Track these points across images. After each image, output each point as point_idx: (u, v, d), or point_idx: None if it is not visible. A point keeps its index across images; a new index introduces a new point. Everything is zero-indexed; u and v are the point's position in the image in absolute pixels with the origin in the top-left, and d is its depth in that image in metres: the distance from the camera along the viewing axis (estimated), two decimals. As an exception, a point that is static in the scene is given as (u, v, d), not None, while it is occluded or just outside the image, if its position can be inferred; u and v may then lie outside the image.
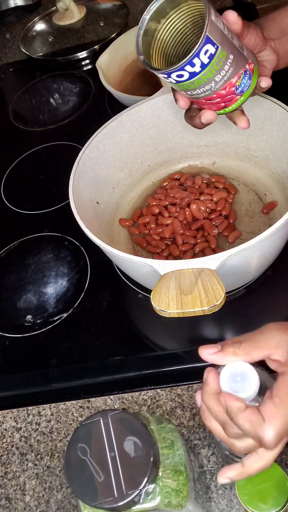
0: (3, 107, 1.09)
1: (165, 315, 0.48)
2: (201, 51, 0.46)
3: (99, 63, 0.93)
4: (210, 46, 0.46)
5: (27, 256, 0.77)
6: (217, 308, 0.47)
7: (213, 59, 0.47)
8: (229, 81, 0.50)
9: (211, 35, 0.46)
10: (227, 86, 0.51)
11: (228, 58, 0.49)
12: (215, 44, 0.47)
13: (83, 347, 0.65)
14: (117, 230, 0.73)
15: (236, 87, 0.52)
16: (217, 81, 0.50)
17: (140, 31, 0.50)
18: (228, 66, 0.49)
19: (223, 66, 0.49)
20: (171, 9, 0.50)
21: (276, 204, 0.69)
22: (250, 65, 0.52)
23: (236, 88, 0.52)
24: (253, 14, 1.06)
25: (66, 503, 0.55)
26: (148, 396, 0.60)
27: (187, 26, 0.52)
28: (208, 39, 0.46)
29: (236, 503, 0.51)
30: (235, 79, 0.51)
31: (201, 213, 0.69)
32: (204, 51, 0.46)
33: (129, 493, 0.34)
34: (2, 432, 0.61)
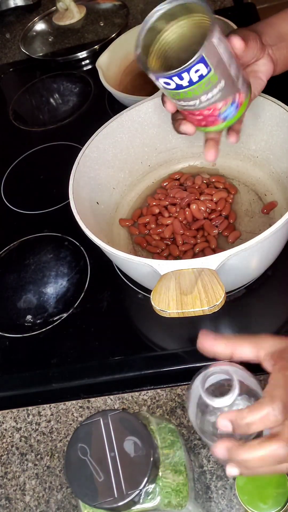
0: (3, 107, 1.09)
1: (165, 315, 0.48)
2: (192, 69, 0.46)
3: (99, 63, 0.93)
4: (202, 67, 0.46)
5: (27, 256, 0.77)
6: (217, 308, 0.47)
7: (202, 80, 0.47)
8: (214, 104, 0.50)
9: (207, 56, 0.46)
10: (212, 108, 0.50)
11: (219, 83, 0.48)
12: (209, 67, 0.46)
13: (83, 347, 0.65)
14: (117, 230, 0.73)
15: (220, 112, 0.51)
16: (202, 101, 0.49)
17: (146, 25, 0.49)
18: (217, 90, 0.49)
19: (212, 88, 0.48)
20: (183, 14, 0.49)
21: (276, 204, 0.69)
22: (241, 96, 0.51)
23: (220, 114, 0.51)
24: (253, 14, 1.06)
25: (66, 503, 0.55)
26: (148, 396, 0.60)
27: (195, 35, 0.51)
28: (202, 59, 0.45)
29: (236, 503, 0.51)
30: (221, 105, 0.50)
31: (201, 213, 0.69)
32: (195, 70, 0.46)
33: (129, 493, 0.34)
34: (2, 432, 0.61)
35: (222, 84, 0.49)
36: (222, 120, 0.52)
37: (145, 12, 0.50)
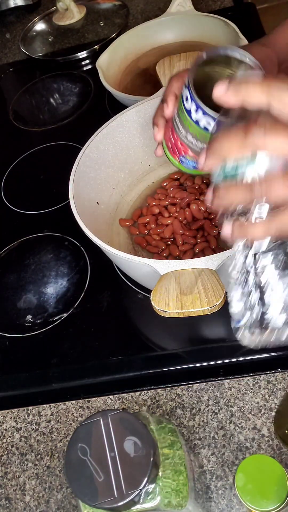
0: (3, 107, 1.09)
1: (165, 315, 0.48)
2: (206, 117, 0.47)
3: (99, 63, 0.93)
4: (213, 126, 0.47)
5: (27, 256, 0.77)
6: (217, 308, 0.47)
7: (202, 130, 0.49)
8: (187, 148, 0.53)
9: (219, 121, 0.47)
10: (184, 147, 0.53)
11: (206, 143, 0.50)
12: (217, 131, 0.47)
13: (83, 347, 0.65)
14: (117, 230, 0.73)
15: (184, 155, 0.54)
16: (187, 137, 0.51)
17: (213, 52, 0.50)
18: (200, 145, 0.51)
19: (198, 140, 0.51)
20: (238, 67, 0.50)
21: (276, 204, 0.69)
22: None
23: (183, 156, 0.54)
24: (253, 14, 1.06)
25: (66, 503, 0.55)
26: (148, 396, 0.60)
27: None
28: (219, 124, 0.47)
29: (236, 503, 0.51)
30: (190, 153, 0.53)
31: (201, 213, 0.69)
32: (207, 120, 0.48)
33: (129, 493, 0.34)
34: (2, 432, 0.61)
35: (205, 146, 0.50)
36: (179, 161, 0.56)
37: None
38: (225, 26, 0.90)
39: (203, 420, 0.56)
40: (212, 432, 0.55)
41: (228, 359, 0.59)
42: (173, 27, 1.00)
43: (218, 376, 0.59)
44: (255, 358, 0.58)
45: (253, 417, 0.55)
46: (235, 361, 0.59)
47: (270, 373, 0.58)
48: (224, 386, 0.58)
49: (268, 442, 0.53)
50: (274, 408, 0.55)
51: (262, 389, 0.57)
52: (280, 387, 0.57)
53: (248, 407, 0.56)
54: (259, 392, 0.57)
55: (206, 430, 0.56)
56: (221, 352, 0.60)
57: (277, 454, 0.52)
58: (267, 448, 0.53)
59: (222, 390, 0.58)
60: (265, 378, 0.58)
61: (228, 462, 0.53)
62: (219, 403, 0.57)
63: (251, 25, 1.02)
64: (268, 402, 0.56)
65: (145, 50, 1.02)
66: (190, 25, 0.98)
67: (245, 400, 0.57)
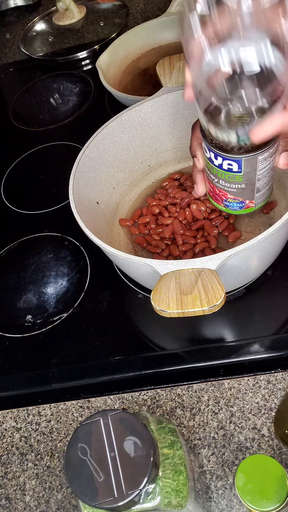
0: (3, 107, 1.09)
1: (165, 315, 0.48)
2: (226, 160, 0.48)
3: (99, 63, 0.93)
4: (235, 166, 0.48)
5: (27, 256, 0.77)
6: (217, 308, 0.47)
7: (229, 172, 0.49)
8: (225, 192, 0.53)
9: (245, 164, 0.48)
10: (222, 193, 0.54)
11: (240, 184, 0.51)
12: (241, 170, 0.48)
13: (83, 347, 0.65)
14: (117, 230, 0.73)
15: (227, 200, 0.54)
16: (220, 183, 0.52)
17: None
18: (234, 186, 0.51)
19: (231, 183, 0.51)
20: None
21: (276, 204, 0.69)
22: (251, 204, 0.54)
23: (226, 201, 0.55)
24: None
25: (66, 503, 0.55)
26: (148, 396, 0.60)
27: None
28: (239, 162, 0.47)
29: (236, 503, 0.51)
30: (231, 197, 0.53)
31: (201, 213, 0.69)
32: (228, 162, 0.48)
33: (129, 493, 0.34)
34: (2, 432, 0.61)
35: (242, 186, 0.51)
36: (224, 206, 0.56)
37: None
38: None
39: (203, 420, 0.56)
40: (212, 432, 0.55)
41: (228, 359, 0.59)
42: (173, 27, 1.00)
43: (218, 376, 0.59)
44: (255, 358, 0.58)
45: (253, 417, 0.55)
46: (235, 361, 0.59)
47: (270, 373, 0.58)
48: (224, 386, 0.58)
49: (268, 442, 0.53)
50: (274, 408, 0.55)
51: (262, 389, 0.57)
52: (280, 387, 0.57)
53: (248, 407, 0.56)
54: (259, 392, 0.57)
55: (206, 430, 0.56)
56: (221, 352, 0.60)
57: (277, 454, 0.52)
58: (267, 448, 0.53)
59: (222, 390, 0.58)
60: (265, 378, 0.58)
61: (228, 462, 0.53)
62: (219, 403, 0.57)
63: None
64: (268, 402, 0.56)
65: (145, 50, 1.02)
66: (190, 25, 0.98)
67: (245, 400, 0.57)
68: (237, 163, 0.48)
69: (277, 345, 0.59)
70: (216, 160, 0.49)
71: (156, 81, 0.79)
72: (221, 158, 0.48)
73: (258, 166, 0.48)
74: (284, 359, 0.58)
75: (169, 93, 0.71)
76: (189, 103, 0.73)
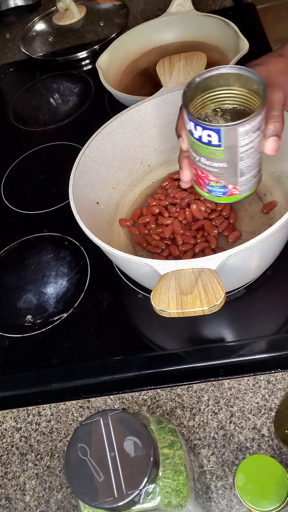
0: (3, 107, 1.09)
1: (165, 315, 0.48)
2: (206, 130, 0.46)
3: (99, 63, 0.93)
4: (215, 137, 0.47)
5: (27, 256, 0.77)
6: (217, 308, 0.47)
7: (208, 146, 0.48)
8: (207, 173, 0.51)
9: (225, 136, 0.46)
10: (204, 174, 0.51)
11: (222, 163, 0.49)
12: (220, 143, 0.47)
13: (83, 347, 0.65)
14: (117, 230, 0.73)
15: (208, 183, 0.52)
16: (201, 161, 0.50)
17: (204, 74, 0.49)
18: (216, 165, 0.50)
19: (213, 160, 0.49)
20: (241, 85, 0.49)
21: (276, 204, 0.69)
22: (234, 189, 0.52)
23: (208, 185, 0.53)
24: (253, 14, 1.06)
25: (66, 503, 0.55)
26: (148, 396, 0.60)
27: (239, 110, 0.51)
28: (218, 132, 0.46)
29: (236, 503, 0.51)
30: (213, 178, 0.51)
31: (201, 213, 0.69)
32: (207, 133, 0.47)
33: (129, 493, 0.34)
34: (2, 432, 0.61)
35: (223, 165, 0.49)
36: (207, 191, 0.54)
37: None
38: (225, 26, 0.90)
39: (203, 420, 0.56)
40: (212, 432, 0.55)
41: (228, 359, 0.59)
42: (173, 27, 1.00)
43: (218, 376, 0.59)
44: (255, 358, 0.58)
45: (253, 417, 0.55)
46: (235, 361, 0.59)
47: (270, 373, 0.58)
48: (224, 386, 0.58)
49: (268, 442, 0.53)
50: (274, 408, 0.55)
51: (262, 389, 0.57)
52: (280, 387, 0.57)
53: (248, 407, 0.56)
54: (259, 392, 0.57)
55: (206, 430, 0.56)
56: (221, 352, 0.60)
57: (277, 454, 0.52)
58: (267, 448, 0.53)
59: (222, 390, 0.58)
60: (265, 378, 0.58)
61: (228, 462, 0.53)
62: (219, 403, 0.57)
63: (251, 25, 1.02)
64: (268, 402, 0.56)
65: (145, 50, 1.02)
66: (190, 25, 0.98)
67: (245, 400, 0.57)
68: (217, 134, 0.46)
69: (277, 345, 0.59)
70: (195, 131, 0.47)
71: (156, 81, 0.79)
72: (200, 128, 0.47)
73: (239, 140, 0.47)
74: (284, 359, 0.58)
75: (169, 93, 0.71)
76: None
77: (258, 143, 0.49)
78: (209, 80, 0.49)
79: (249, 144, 0.47)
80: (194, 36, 0.99)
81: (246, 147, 0.48)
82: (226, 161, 0.49)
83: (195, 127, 0.47)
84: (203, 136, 0.47)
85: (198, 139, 0.48)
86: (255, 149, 0.49)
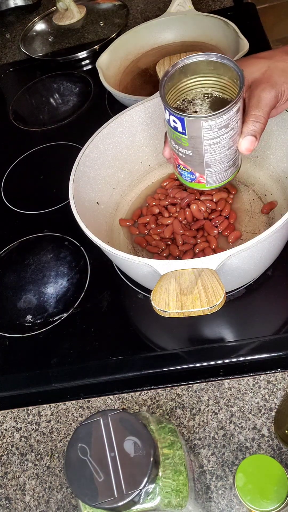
0: (3, 107, 1.09)
1: (165, 315, 0.48)
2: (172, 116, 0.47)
3: (99, 63, 0.93)
4: (179, 124, 0.47)
5: (27, 256, 0.77)
6: (217, 308, 0.47)
7: (175, 131, 0.48)
8: (177, 156, 0.52)
9: (188, 125, 0.46)
10: (174, 155, 0.53)
11: (188, 151, 0.50)
12: (184, 131, 0.47)
13: (83, 347, 0.65)
14: (117, 230, 0.73)
15: (179, 166, 0.53)
16: (171, 143, 0.51)
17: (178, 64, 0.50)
18: (183, 151, 0.50)
19: (179, 146, 0.50)
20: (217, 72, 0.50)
21: (276, 204, 0.69)
22: (202, 178, 0.53)
23: (178, 167, 0.54)
24: (253, 14, 1.06)
25: (66, 503, 0.55)
26: (148, 396, 0.60)
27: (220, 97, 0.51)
28: (181, 120, 0.46)
29: (236, 503, 0.51)
30: (181, 163, 0.52)
31: (201, 213, 0.69)
32: (173, 119, 0.47)
33: (129, 493, 0.34)
34: (2, 432, 0.61)
35: (189, 153, 0.50)
36: (179, 173, 0.55)
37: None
38: (225, 26, 0.90)
39: (203, 420, 0.56)
40: (212, 432, 0.55)
41: (228, 359, 0.59)
42: (173, 27, 1.00)
43: (218, 376, 0.59)
44: (255, 358, 0.58)
45: (253, 417, 0.55)
46: (235, 361, 0.59)
47: (270, 373, 0.58)
48: (224, 386, 0.58)
49: (268, 442, 0.53)
50: (274, 408, 0.55)
51: (262, 389, 0.57)
52: (280, 387, 0.57)
53: (248, 407, 0.56)
54: (259, 392, 0.57)
55: (206, 430, 0.56)
56: (221, 352, 0.60)
57: (277, 454, 0.52)
58: (267, 448, 0.53)
59: (222, 390, 0.58)
60: (265, 378, 0.58)
61: (228, 462, 0.53)
62: (219, 403, 0.57)
63: (251, 25, 1.02)
64: (268, 402, 0.56)
65: (145, 50, 1.02)
66: (190, 25, 0.98)
67: (245, 400, 0.57)
68: (180, 122, 0.46)
69: (277, 345, 0.59)
70: (165, 113, 0.48)
71: (156, 81, 0.79)
72: (167, 111, 0.47)
73: (203, 134, 0.47)
74: (284, 359, 0.58)
75: (169, 93, 0.71)
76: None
77: (229, 140, 0.48)
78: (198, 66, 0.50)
79: (214, 139, 0.47)
80: (194, 36, 0.99)
81: (211, 141, 0.47)
82: (191, 150, 0.49)
83: (165, 109, 0.48)
84: (170, 120, 0.48)
85: (167, 122, 0.49)
86: (223, 145, 0.48)
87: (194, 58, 0.49)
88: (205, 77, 0.50)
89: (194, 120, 0.46)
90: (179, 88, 0.50)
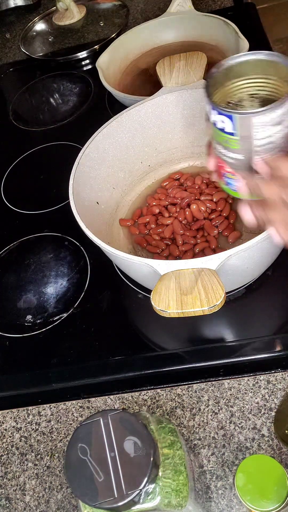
0: (3, 107, 1.09)
1: (165, 315, 0.48)
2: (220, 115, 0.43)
3: (99, 63, 0.93)
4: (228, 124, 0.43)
5: (27, 256, 0.77)
6: (217, 308, 0.47)
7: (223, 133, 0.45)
8: (224, 163, 0.48)
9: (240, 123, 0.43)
10: (222, 164, 0.48)
11: (237, 154, 0.46)
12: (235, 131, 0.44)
13: (83, 347, 0.65)
14: (117, 230, 0.73)
15: (225, 175, 0.49)
16: (217, 148, 0.47)
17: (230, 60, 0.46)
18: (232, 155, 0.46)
19: (227, 150, 0.46)
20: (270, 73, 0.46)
21: (276, 204, 0.69)
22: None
23: (225, 176, 0.49)
24: (253, 14, 1.06)
25: (66, 503, 0.55)
26: (148, 396, 0.60)
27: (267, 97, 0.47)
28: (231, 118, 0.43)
29: (236, 503, 0.51)
30: (229, 170, 0.48)
31: (201, 213, 0.69)
32: (221, 119, 0.43)
33: (129, 493, 0.34)
34: (2, 432, 0.61)
35: (239, 157, 0.46)
36: (225, 182, 0.50)
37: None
38: (225, 26, 0.90)
39: (203, 420, 0.56)
40: (212, 432, 0.55)
41: (228, 359, 0.59)
42: (173, 27, 1.00)
43: (218, 376, 0.59)
44: (255, 358, 0.58)
45: (253, 417, 0.55)
46: (235, 361, 0.59)
47: (270, 373, 0.58)
48: (224, 386, 0.58)
49: (268, 442, 0.53)
50: (274, 408, 0.55)
51: (262, 389, 0.57)
52: (280, 387, 0.57)
53: (248, 407, 0.56)
54: (259, 392, 0.57)
55: (206, 430, 0.56)
56: (221, 352, 0.60)
57: (277, 454, 0.52)
58: (267, 448, 0.53)
59: (222, 390, 0.58)
60: (265, 378, 0.58)
61: (228, 462, 0.53)
62: (219, 403, 0.57)
63: (251, 25, 1.02)
64: (268, 402, 0.56)
65: (145, 50, 1.02)
66: (190, 25, 0.98)
67: (245, 400, 0.57)
68: (230, 120, 0.43)
69: (277, 345, 0.59)
70: (212, 114, 0.44)
71: (156, 81, 0.79)
72: (215, 111, 0.43)
73: (253, 132, 0.43)
74: (284, 359, 0.58)
75: (169, 93, 0.71)
76: (189, 102, 0.72)
77: (282, 140, 0.44)
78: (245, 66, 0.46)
79: (266, 138, 0.43)
80: (194, 36, 0.99)
81: (263, 141, 0.44)
82: (241, 153, 0.45)
83: (211, 110, 0.44)
84: (218, 121, 0.44)
85: (214, 124, 0.45)
86: (275, 146, 0.44)
87: (240, 58, 0.46)
88: (252, 79, 0.46)
89: (244, 117, 0.42)
90: (224, 89, 0.46)
